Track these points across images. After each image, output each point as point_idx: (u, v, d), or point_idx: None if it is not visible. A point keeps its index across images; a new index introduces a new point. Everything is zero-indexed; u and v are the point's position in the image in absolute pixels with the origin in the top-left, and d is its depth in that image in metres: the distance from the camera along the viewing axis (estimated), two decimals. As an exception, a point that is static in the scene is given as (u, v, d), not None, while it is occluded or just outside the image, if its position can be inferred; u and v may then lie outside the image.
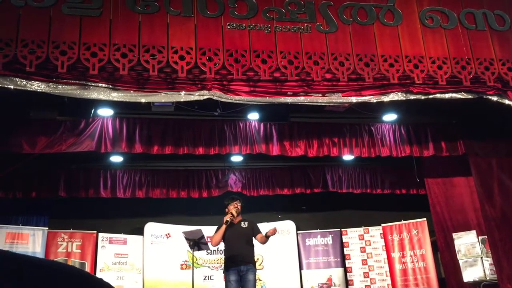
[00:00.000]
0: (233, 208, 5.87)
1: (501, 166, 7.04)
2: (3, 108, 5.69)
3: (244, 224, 5.90)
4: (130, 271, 8.39)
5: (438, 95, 5.59)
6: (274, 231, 5.71)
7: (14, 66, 4.58)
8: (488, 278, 7.22)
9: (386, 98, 5.52)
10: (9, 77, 4.59)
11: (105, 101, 5.22)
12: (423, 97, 5.58)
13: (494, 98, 5.70)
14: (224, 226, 5.74)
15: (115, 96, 4.95)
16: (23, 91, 4.68)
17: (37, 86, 4.69)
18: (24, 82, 4.64)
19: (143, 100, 5.07)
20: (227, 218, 5.77)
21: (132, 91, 4.97)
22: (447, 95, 5.62)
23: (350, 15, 5.49)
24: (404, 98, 5.56)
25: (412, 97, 5.55)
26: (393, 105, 6.40)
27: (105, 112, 6.36)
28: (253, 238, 5.87)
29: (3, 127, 6.06)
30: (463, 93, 5.65)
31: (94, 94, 4.88)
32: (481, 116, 6.69)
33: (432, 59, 5.48)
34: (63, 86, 4.77)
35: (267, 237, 5.75)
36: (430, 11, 5.74)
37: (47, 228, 8.18)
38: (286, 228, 9.03)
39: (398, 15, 5.62)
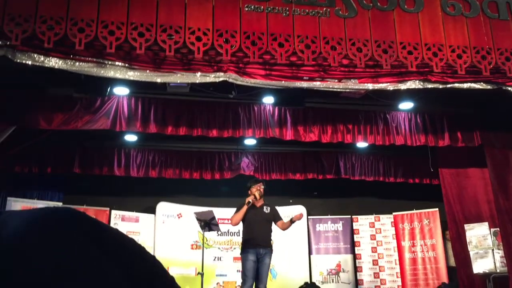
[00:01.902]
0: (256, 190, 5.94)
1: (517, 159, 6.95)
2: (21, 83, 5.76)
3: (267, 210, 5.98)
4: (141, 249, 8.50)
5: (456, 85, 5.51)
6: (300, 216, 5.81)
7: (33, 42, 4.61)
8: (498, 271, 7.18)
9: (403, 86, 5.46)
10: (27, 52, 4.63)
11: (121, 80, 5.25)
12: (440, 86, 5.50)
13: (514, 90, 5.61)
14: (245, 207, 5.79)
15: (131, 75, 4.97)
16: (40, 67, 4.72)
17: (54, 62, 4.72)
18: (42, 58, 4.67)
19: (159, 80, 5.08)
20: (249, 199, 5.82)
21: (148, 71, 4.99)
22: (465, 85, 5.54)
23: (370, 1, 5.41)
24: (421, 87, 5.49)
25: (429, 86, 5.48)
26: (410, 94, 6.34)
27: (121, 91, 6.39)
28: (274, 223, 5.94)
29: (21, 103, 6.13)
30: (482, 83, 5.56)
31: (111, 72, 4.90)
32: (499, 107, 6.59)
33: (452, 47, 5.39)
34: (80, 63, 4.79)
35: (292, 222, 5.86)
36: (452, -2, 5.64)
37: (61, 203, 8.31)
38: (297, 213, 9.03)
39: (419, 2, 5.52)
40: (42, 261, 0.45)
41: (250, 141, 8.41)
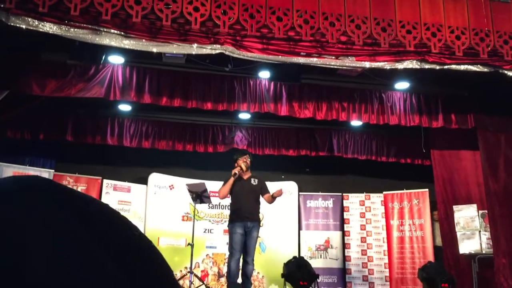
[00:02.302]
0: (242, 162, 5.87)
1: (509, 142, 7.00)
2: (15, 47, 5.68)
3: (254, 182, 5.92)
4: (132, 219, 8.42)
5: (453, 66, 5.51)
6: (280, 192, 5.78)
7: (27, 5, 4.53)
8: (484, 252, 7.30)
9: (400, 66, 5.45)
10: (22, 16, 4.56)
11: (117, 48, 5.18)
12: (438, 67, 5.50)
13: (510, 73, 5.61)
14: (232, 179, 5.75)
15: (127, 43, 4.91)
16: (35, 32, 4.65)
17: (49, 27, 4.65)
18: (36, 23, 4.60)
19: (154, 49, 5.03)
20: (236, 170, 5.78)
21: (144, 40, 4.93)
22: (462, 67, 5.54)
23: (371, -23, 5.34)
24: (418, 67, 5.48)
25: (427, 66, 5.48)
26: (406, 73, 6.32)
27: (116, 60, 6.32)
28: (261, 196, 5.93)
29: (14, 67, 6.06)
30: (479, 65, 5.55)
31: (106, 40, 4.84)
32: (495, 90, 6.59)
33: (451, 28, 5.36)
34: (75, 29, 4.73)
35: (273, 197, 5.83)
36: (454, -22, 5.58)
37: (53, 170, 8.30)
38: (288, 188, 9.11)
39: (420, -19, 5.46)
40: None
41: (244, 115, 8.39)
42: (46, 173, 8.14)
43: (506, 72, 5.59)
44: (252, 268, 5.81)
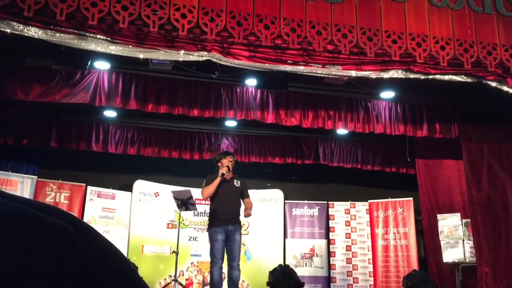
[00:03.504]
0: (228, 161, 5.65)
1: (492, 152, 7.09)
2: (-1, 52, 5.61)
3: (237, 183, 5.73)
4: (116, 226, 8.46)
5: (438, 76, 5.57)
6: (247, 213, 5.57)
7: (12, 9, 4.48)
8: (467, 261, 7.36)
9: (385, 75, 5.49)
10: (6, 20, 4.50)
11: (103, 54, 5.15)
12: (422, 77, 5.55)
13: (493, 84, 5.69)
14: (218, 179, 5.52)
15: (113, 49, 4.88)
16: (20, 36, 4.60)
17: (34, 32, 4.61)
18: (21, 27, 4.55)
19: (141, 56, 5.01)
20: (224, 171, 5.55)
21: (130, 46, 4.90)
22: (446, 77, 5.60)
23: (358, -13, 5.40)
24: (403, 76, 5.54)
25: (412, 76, 5.53)
26: (392, 83, 6.38)
27: (102, 65, 6.28)
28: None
29: (-2, 72, 5.99)
30: (463, 76, 5.63)
31: (92, 45, 4.81)
32: (478, 101, 6.69)
33: (435, 39, 5.43)
34: (61, 34, 4.69)
35: (249, 206, 5.63)
36: (439, -11, 5.66)
37: (36, 176, 8.18)
38: (274, 196, 9.11)
39: (406, -9, 5.53)
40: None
41: (231, 123, 8.38)
42: (29, 180, 8.03)
43: (489, 82, 5.67)
44: (239, 274, 5.52)
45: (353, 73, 5.45)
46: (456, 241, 7.62)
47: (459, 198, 8.06)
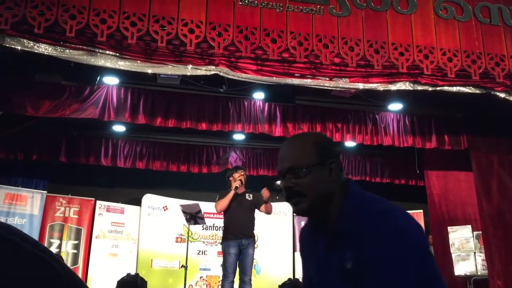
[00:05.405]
0: (240, 176, 5.77)
1: (502, 164, 7.03)
2: (9, 68, 5.68)
3: (249, 197, 5.83)
4: (125, 240, 8.47)
5: (445, 88, 5.55)
6: (267, 193, 5.67)
7: (23, 27, 4.55)
8: (479, 273, 7.27)
9: (393, 87, 5.49)
10: (17, 37, 4.57)
11: (111, 69, 5.20)
12: (430, 89, 5.54)
13: (502, 95, 5.66)
14: (232, 193, 5.65)
15: (122, 64, 4.93)
16: (30, 53, 4.66)
17: (44, 49, 4.66)
18: (32, 44, 4.61)
19: (149, 70, 5.05)
20: (237, 184, 5.67)
21: (139, 61, 4.95)
22: (454, 88, 5.58)
23: (364, 0, 5.42)
24: (411, 88, 5.53)
25: (419, 87, 5.52)
26: (400, 95, 6.37)
27: (111, 81, 6.34)
28: (257, 210, 5.83)
29: (8, 88, 6.06)
30: (471, 87, 5.61)
31: (101, 61, 4.85)
32: (487, 112, 6.65)
33: (443, 50, 5.43)
34: (70, 50, 4.74)
35: (266, 202, 5.73)
36: (445, 1, 5.66)
37: (46, 191, 8.23)
38: (282, 209, 9.08)
39: (412, 3, 5.54)
40: None
41: (239, 136, 8.40)
42: (38, 194, 8.08)
43: (497, 93, 5.65)
44: None
45: (361, 86, 5.44)
46: (467, 253, 7.53)
47: (470, 210, 7.98)
